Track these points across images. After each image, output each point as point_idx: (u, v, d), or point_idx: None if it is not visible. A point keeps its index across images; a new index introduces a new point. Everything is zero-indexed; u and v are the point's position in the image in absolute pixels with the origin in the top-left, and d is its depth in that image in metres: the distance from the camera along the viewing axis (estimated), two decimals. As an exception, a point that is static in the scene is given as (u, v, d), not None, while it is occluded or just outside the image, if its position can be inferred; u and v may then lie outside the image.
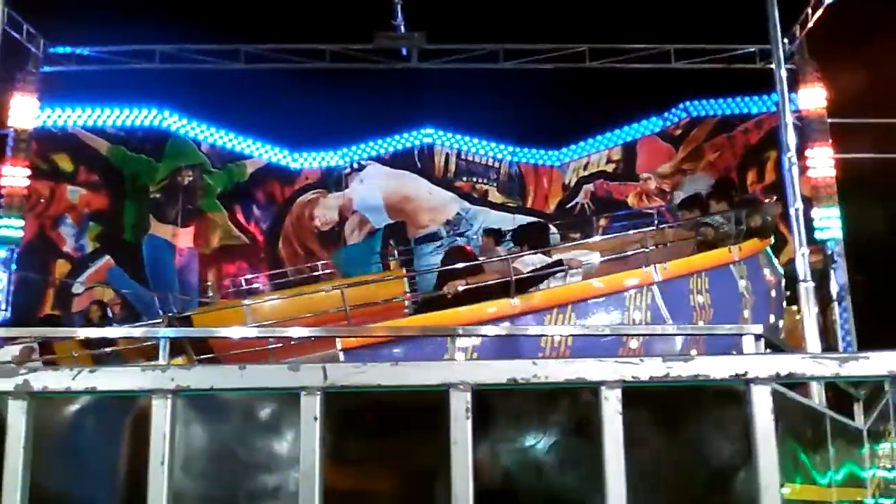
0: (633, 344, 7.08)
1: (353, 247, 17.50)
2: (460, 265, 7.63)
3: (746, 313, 8.43)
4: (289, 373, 1.61)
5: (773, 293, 9.29)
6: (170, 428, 1.59)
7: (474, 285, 7.32)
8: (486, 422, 1.83)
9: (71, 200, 16.35)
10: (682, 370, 1.61)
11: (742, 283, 8.42)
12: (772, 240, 9.77)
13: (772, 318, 9.05)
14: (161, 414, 1.60)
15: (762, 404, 1.62)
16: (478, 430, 1.64)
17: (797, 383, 6.50)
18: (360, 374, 1.61)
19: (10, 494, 1.60)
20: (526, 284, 7.37)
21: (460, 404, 1.60)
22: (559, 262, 7.66)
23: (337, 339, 6.38)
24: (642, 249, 8.03)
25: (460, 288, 7.26)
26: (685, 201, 10.01)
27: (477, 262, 7.93)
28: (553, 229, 16.97)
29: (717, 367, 1.64)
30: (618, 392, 1.61)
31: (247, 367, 1.60)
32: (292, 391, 1.62)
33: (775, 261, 9.76)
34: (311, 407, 1.60)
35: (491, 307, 7.09)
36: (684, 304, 7.87)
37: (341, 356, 6.38)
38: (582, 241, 10.88)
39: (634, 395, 1.67)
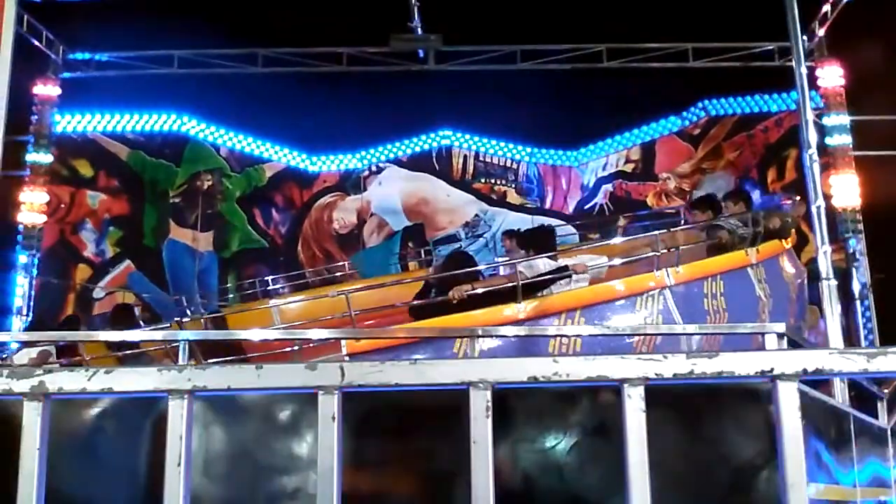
0: (644, 350, 6.99)
1: (372, 249, 17.51)
2: (478, 268, 7.62)
3: (764, 317, 8.34)
4: (306, 372, 1.59)
5: (794, 295, 9.20)
6: (186, 428, 1.57)
7: (480, 290, 7.28)
8: (505, 422, 1.80)
9: (91, 206, 16.43)
10: (706, 367, 1.58)
11: (759, 287, 8.31)
12: (793, 239, 9.67)
13: (792, 321, 8.96)
14: (177, 414, 1.58)
15: (789, 401, 1.59)
16: (497, 430, 1.62)
17: (820, 382, 6.45)
18: (377, 372, 1.59)
19: (26, 497, 1.59)
20: (532, 289, 7.31)
21: (480, 403, 1.57)
22: (565, 267, 7.60)
23: (342, 344, 6.33)
24: (653, 253, 7.97)
25: (466, 293, 7.23)
26: (697, 202, 9.95)
27: (478, 268, 7.90)
28: (572, 230, 17.00)
29: (742, 364, 1.61)
30: (640, 390, 1.58)
31: (264, 367, 1.59)
32: (309, 391, 1.60)
33: (797, 261, 9.66)
34: (329, 406, 1.58)
35: (499, 312, 7.03)
36: (698, 308, 7.78)
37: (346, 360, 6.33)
38: (591, 245, 10.80)
39: (654, 393, 1.64)
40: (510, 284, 7.17)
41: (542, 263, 7.60)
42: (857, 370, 1.60)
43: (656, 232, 8.23)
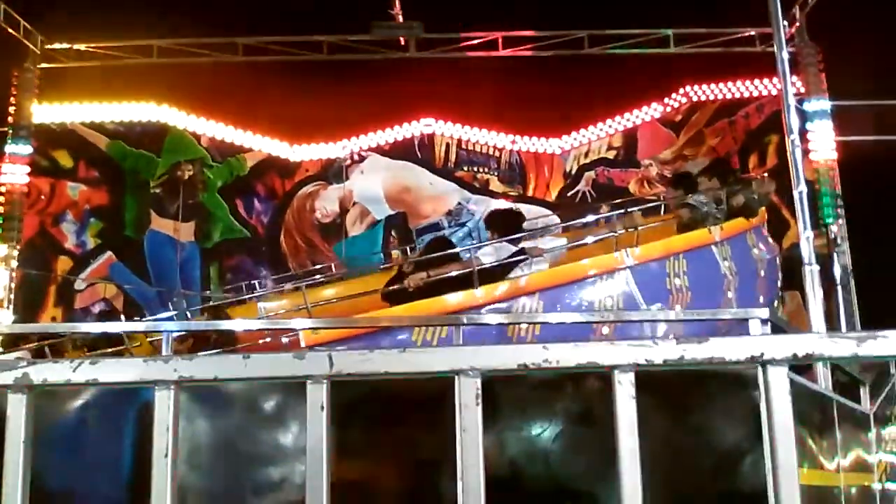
0: (605, 330, 6.91)
1: (355, 238, 17.48)
2: (455, 250, 7.59)
3: (730, 294, 8.34)
4: (294, 361, 1.58)
5: (763, 272, 9.21)
6: (173, 419, 1.56)
7: (436, 278, 7.21)
8: (491, 410, 1.80)
9: (71, 197, 16.32)
10: (696, 352, 1.58)
11: (725, 265, 8.27)
12: (763, 217, 9.67)
13: (761, 299, 8.97)
14: (164, 405, 1.56)
15: (779, 386, 1.59)
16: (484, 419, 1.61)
17: (804, 367, 6.48)
18: (366, 361, 1.57)
19: (11, 489, 1.57)
20: (491, 275, 7.26)
21: (470, 391, 1.56)
22: (522, 251, 7.56)
23: (300, 335, 6.23)
24: (611, 234, 7.97)
25: (422, 280, 7.19)
26: (672, 178, 9.95)
27: (456, 251, 7.88)
28: (553, 216, 17.02)
29: (731, 349, 1.60)
30: (631, 376, 1.58)
31: (251, 357, 1.57)
32: (298, 380, 1.58)
33: (767, 239, 9.66)
34: (318, 396, 1.56)
35: (453, 299, 6.95)
36: (660, 287, 7.73)
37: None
38: (546, 226, 10.74)
39: (639, 378, 1.64)
40: (466, 271, 7.12)
41: (504, 249, 7.58)
42: (847, 354, 1.59)
43: (614, 212, 8.23)
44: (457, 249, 8.07)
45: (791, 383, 1.62)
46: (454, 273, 7.28)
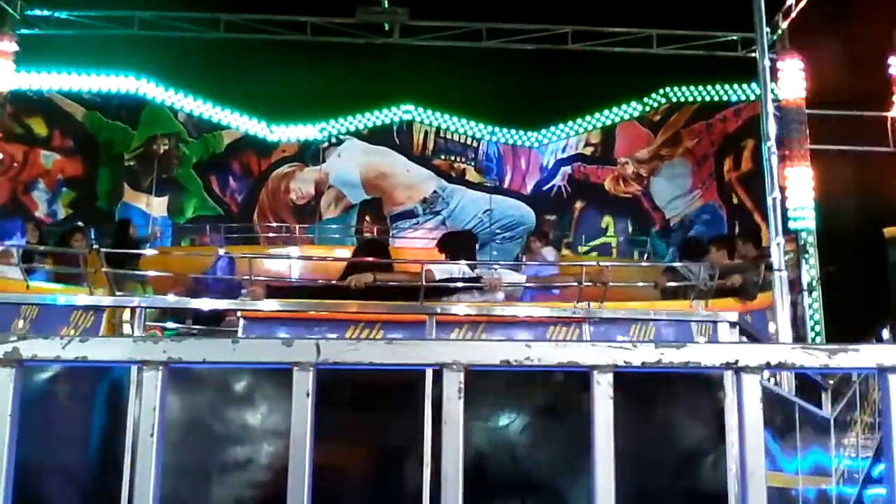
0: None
1: (329, 221, 17.47)
2: (389, 261, 7.46)
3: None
4: (282, 348, 1.61)
5: None
6: (160, 400, 1.58)
7: (383, 283, 7.07)
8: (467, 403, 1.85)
9: (44, 165, 16.22)
10: (673, 356, 1.62)
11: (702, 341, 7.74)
12: (757, 303, 9.33)
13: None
14: (152, 385, 1.59)
15: (751, 392, 1.64)
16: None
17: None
18: (353, 350, 1.61)
19: (-3, 462, 1.59)
20: (438, 292, 7.13)
21: (453, 384, 1.60)
22: (478, 279, 7.40)
23: (238, 315, 6.08)
24: (573, 283, 7.72)
25: (365, 283, 7.08)
26: (684, 243, 9.63)
27: (389, 261, 7.72)
28: (530, 210, 17.10)
29: (708, 355, 1.65)
30: (609, 377, 1.62)
31: (240, 342, 1.60)
32: (284, 366, 1.61)
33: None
34: (304, 383, 1.59)
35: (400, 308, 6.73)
36: None
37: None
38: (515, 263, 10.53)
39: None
40: (415, 283, 6.99)
41: (458, 269, 7.45)
42: (819, 365, 1.65)
43: (586, 263, 7.90)
44: (391, 260, 7.90)
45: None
46: (405, 284, 7.11)
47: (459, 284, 7.18)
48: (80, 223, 15.84)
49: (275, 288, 8.26)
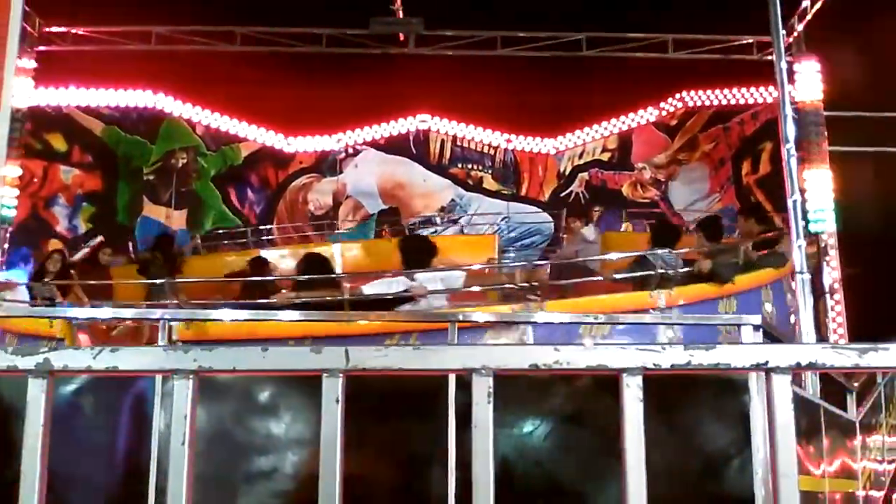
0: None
1: (348, 232, 17.50)
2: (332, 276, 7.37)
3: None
4: (311, 355, 1.61)
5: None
6: (191, 408, 1.59)
7: (308, 300, 6.98)
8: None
9: (64, 181, 16.33)
10: (703, 358, 1.62)
11: (666, 335, 7.10)
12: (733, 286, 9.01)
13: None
14: (182, 394, 1.59)
15: (782, 393, 1.63)
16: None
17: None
18: (381, 357, 1.61)
19: (29, 474, 1.60)
20: (372, 305, 7.07)
21: (482, 389, 1.60)
22: (406, 290, 7.31)
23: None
24: (509, 285, 7.60)
25: (290, 299, 7.03)
26: (701, 222, 9.40)
27: (332, 276, 7.64)
28: (548, 217, 17.07)
29: (738, 356, 1.64)
30: (639, 379, 1.62)
31: (269, 350, 1.60)
32: (314, 373, 1.61)
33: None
34: (333, 389, 1.60)
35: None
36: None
37: None
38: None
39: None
40: (338, 298, 6.94)
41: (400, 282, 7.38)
42: (850, 365, 1.63)
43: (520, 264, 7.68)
44: (332, 276, 7.85)
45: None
46: (327, 298, 7.05)
47: (391, 297, 7.14)
48: (101, 237, 16.01)
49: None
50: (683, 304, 7.66)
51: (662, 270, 7.68)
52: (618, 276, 8.23)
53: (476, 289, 7.96)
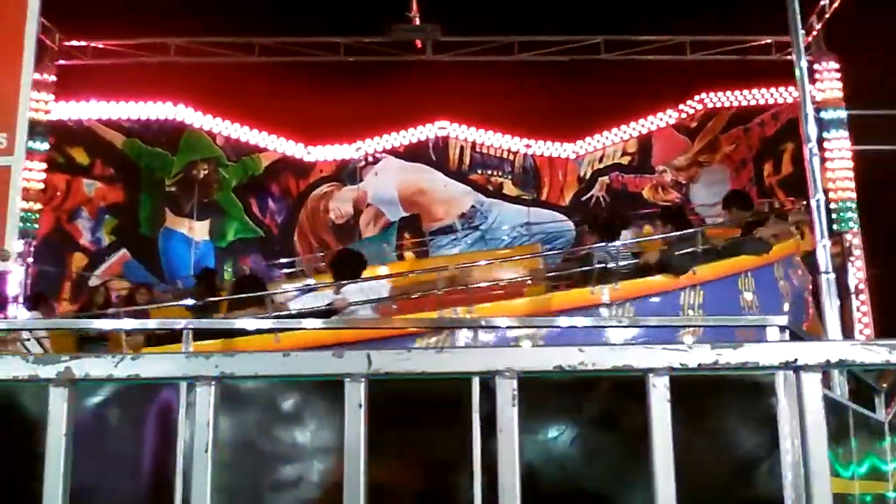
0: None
1: (369, 240, 17.50)
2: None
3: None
4: (333, 360, 1.60)
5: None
6: (213, 415, 1.58)
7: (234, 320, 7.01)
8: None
9: (87, 193, 16.42)
10: (730, 357, 1.59)
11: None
12: (689, 278, 8.73)
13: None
14: (205, 401, 1.58)
15: (812, 392, 1.60)
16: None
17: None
18: (404, 360, 1.59)
19: (52, 482, 1.59)
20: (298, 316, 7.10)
21: (506, 392, 1.58)
22: (331, 304, 7.32)
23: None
24: (433, 291, 7.58)
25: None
26: (727, 197, 9.25)
27: (262, 294, 7.63)
28: (569, 223, 17.01)
29: (766, 354, 1.62)
30: (665, 380, 1.60)
31: (290, 354, 1.59)
32: (336, 378, 1.60)
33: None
34: (356, 394, 1.58)
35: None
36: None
37: None
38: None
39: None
40: (282, 314, 6.99)
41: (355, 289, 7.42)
42: (880, 361, 1.61)
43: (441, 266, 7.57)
44: (270, 293, 7.88)
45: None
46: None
47: (313, 311, 7.18)
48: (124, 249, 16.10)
49: None
50: (635, 298, 7.54)
51: (602, 264, 7.58)
52: (550, 274, 8.18)
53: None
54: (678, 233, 8.15)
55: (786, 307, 8.47)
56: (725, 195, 9.92)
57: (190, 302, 8.76)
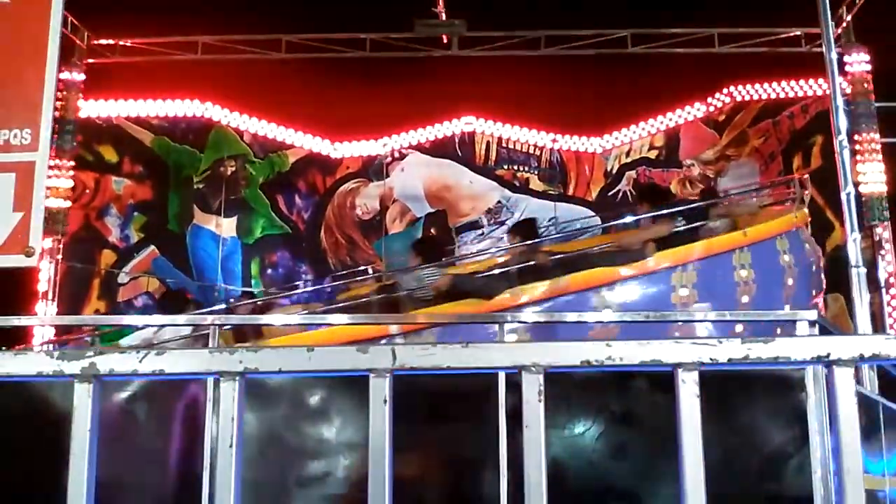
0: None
1: (395, 236, 17.51)
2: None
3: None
4: (357, 354, 1.58)
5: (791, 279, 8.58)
6: (238, 410, 1.57)
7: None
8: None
9: (115, 191, 16.53)
10: (761, 352, 1.56)
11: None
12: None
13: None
14: (229, 396, 1.58)
15: (845, 387, 1.57)
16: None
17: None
18: (429, 355, 1.57)
19: (77, 478, 1.59)
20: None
21: (533, 387, 1.56)
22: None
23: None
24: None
25: None
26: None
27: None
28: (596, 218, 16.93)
29: (798, 349, 1.58)
30: (695, 375, 1.57)
31: (315, 350, 1.58)
32: (360, 373, 1.59)
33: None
34: (381, 389, 1.57)
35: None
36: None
37: None
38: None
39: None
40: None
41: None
42: (916, 355, 1.57)
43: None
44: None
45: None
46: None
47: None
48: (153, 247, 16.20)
49: None
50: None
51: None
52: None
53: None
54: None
55: (789, 282, 8.45)
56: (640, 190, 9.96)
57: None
